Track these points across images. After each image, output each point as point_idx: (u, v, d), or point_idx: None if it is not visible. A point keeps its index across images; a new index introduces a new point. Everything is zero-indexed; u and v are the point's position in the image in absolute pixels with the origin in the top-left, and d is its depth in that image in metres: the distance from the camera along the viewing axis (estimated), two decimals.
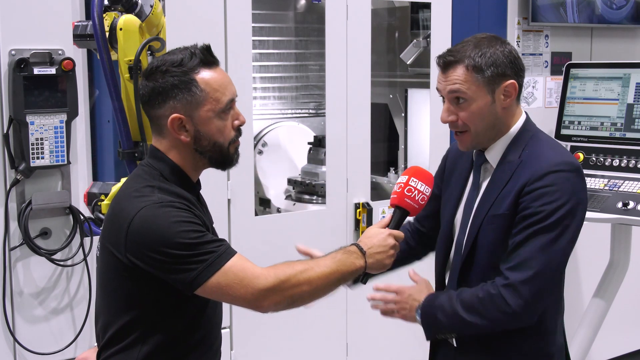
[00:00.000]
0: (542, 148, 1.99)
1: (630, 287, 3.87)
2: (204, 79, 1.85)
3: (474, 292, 1.95)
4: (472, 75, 1.93)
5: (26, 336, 2.79)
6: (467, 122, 1.97)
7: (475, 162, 2.09)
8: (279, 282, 1.79)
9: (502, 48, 1.97)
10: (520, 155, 1.98)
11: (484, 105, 1.95)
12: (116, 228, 1.82)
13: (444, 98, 2.00)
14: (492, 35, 2.01)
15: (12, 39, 2.69)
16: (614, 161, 3.63)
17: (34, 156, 2.71)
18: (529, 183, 1.91)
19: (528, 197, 1.91)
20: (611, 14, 4.38)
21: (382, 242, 1.93)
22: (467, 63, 1.94)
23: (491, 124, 1.99)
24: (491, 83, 1.95)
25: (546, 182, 1.90)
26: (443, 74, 1.98)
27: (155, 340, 1.84)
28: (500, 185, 1.98)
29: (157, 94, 1.85)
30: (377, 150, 4.03)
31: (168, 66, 1.84)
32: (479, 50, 1.94)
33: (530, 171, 1.93)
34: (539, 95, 4.26)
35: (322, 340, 3.55)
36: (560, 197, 1.89)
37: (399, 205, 2.00)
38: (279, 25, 4.04)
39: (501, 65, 1.95)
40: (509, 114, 2.01)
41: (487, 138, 2.02)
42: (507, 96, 1.97)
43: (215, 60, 1.90)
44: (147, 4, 2.96)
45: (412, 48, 3.99)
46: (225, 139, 1.90)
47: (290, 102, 4.13)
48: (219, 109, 1.87)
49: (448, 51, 1.99)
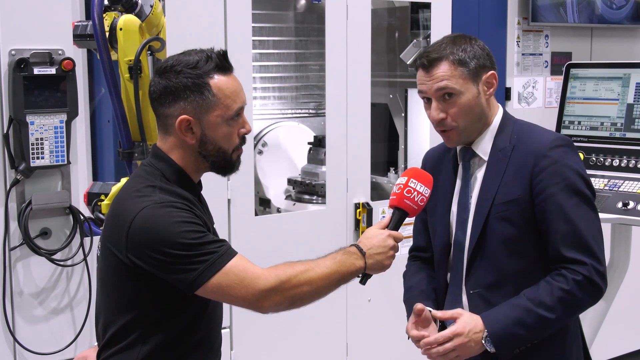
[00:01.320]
0: (531, 130, 2.06)
1: (630, 287, 3.87)
2: (217, 84, 1.85)
3: (550, 289, 1.92)
4: (457, 69, 1.98)
5: (26, 336, 2.79)
6: (456, 117, 2.00)
7: (463, 158, 2.10)
8: (280, 283, 1.79)
9: (476, 43, 2.04)
10: (510, 140, 2.03)
11: (472, 97, 1.99)
12: (117, 228, 1.82)
13: (429, 99, 2.02)
14: (461, 34, 2.08)
15: (12, 39, 2.69)
16: (614, 161, 3.62)
17: (34, 156, 2.71)
18: (537, 162, 1.96)
19: (543, 175, 1.95)
20: (611, 14, 4.38)
21: (382, 243, 1.93)
22: (451, 58, 1.98)
23: (478, 116, 2.02)
24: (475, 75, 2.00)
25: (554, 158, 1.95)
26: (427, 74, 2.00)
27: (155, 340, 1.84)
28: (500, 173, 2.01)
29: (168, 93, 1.85)
30: (377, 150, 4.03)
31: (183, 67, 1.85)
32: (459, 46, 2.00)
33: (532, 151, 1.98)
34: (539, 95, 4.26)
35: (322, 340, 3.55)
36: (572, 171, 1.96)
37: (398, 207, 2.00)
38: (279, 25, 4.04)
39: (481, 57, 2.01)
40: (491, 105, 2.07)
41: (473, 131, 2.05)
42: (489, 87, 2.03)
43: (230, 66, 1.90)
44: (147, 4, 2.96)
45: (412, 48, 3.99)
46: (230, 145, 1.90)
47: (290, 102, 4.13)
48: (228, 116, 1.87)
49: (427, 52, 2.03)
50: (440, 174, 2.15)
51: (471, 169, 2.08)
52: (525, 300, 1.92)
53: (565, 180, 1.94)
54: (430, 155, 2.25)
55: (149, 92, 1.91)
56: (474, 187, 2.06)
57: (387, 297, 3.67)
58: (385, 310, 3.69)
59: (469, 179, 2.08)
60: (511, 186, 1.98)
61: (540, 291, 1.92)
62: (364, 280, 1.96)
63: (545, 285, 1.93)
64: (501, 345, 1.91)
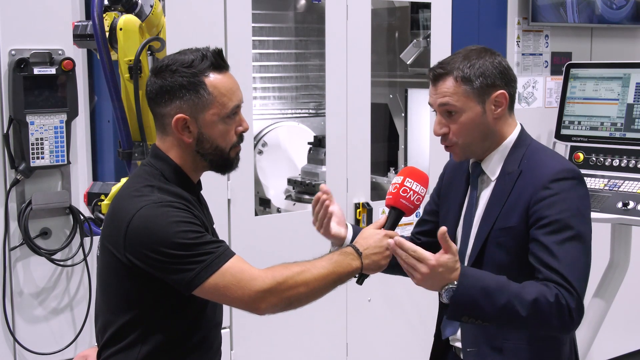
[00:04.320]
0: (541, 157, 1.99)
1: (630, 287, 3.87)
2: (212, 83, 1.85)
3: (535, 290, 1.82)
4: (460, 86, 1.94)
5: (26, 336, 2.79)
6: (457, 134, 1.97)
7: (472, 173, 2.07)
8: (276, 284, 1.79)
9: (491, 59, 1.97)
10: (519, 165, 1.98)
11: (474, 116, 1.95)
12: (115, 227, 1.82)
13: (436, 111, 2.00)
14: (483, 47, 2.01)
15: (12, 39, 2.69)
16: (614, 161, 3.63)
17: (34, 156, 2.71)
18: (535, 192, 1.90)
19: (540, 205, 1.88)
20: (611, 14, 4.38)
21: (378, 243, 1.93)
22: (455, 75, 1.94)
23: (483, 135, 1.98)
24: (481, 94, 1.94)
25: (554, 190, 1.88)
26: (433, 87, 1.99)
27: (155, 340, 1.84)
28: (503, 198, 1.96)
29: (164, 92, 1.86)
30: (377, 150, 4.03)
31: (178, 66, 1.85)
32: (468, 61, 1.95)
33: (534, 180, 1.92)
34: (539, 95, 4.26)
35: (322, 340, 3.55)
36: (572, 207, 1.88)
37: (394, 206, 2.00)
38: (279, 25, 4.04)
39: (490, 76, 1.95)
40: (502, 125, 2.00)
41: (480, 149, 2.01)
42: (498, 106, 1.97)
43: (226, 65, 1.91)
44: (147, 4, 2.96)
45: (412, 48, 3.99)
46: (227, 143, 1.90)
47: (290, 102, 4.13)
48: (224, 114, 1.87)
49: (439, 64, 2.00)
50: (454, 183, 2.13)
51: (479, 186, 2.06)
52: (507, 283, 1.84)
53: (560, 214, 1.86)
54: (451, 163, 2.22)
55: (146, 92, 1.91)
56: (478, 206, 2.04)
57: (387, 297, 3.67)
58: (385, 310, 3.69)
59: (476, 195, 2.06)
60: (510, 213, 1.94)
61: (526, 287, 1.84)
62: (361, 281, 1.96)
63: (532, 284, 1.85)
64: (456, 302, 1.81)
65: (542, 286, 1.83)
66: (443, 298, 1.84)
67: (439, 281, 1.82)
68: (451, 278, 1.81)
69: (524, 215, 1.91)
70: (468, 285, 1.81)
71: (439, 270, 1.80)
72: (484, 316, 1.83)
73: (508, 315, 1.81)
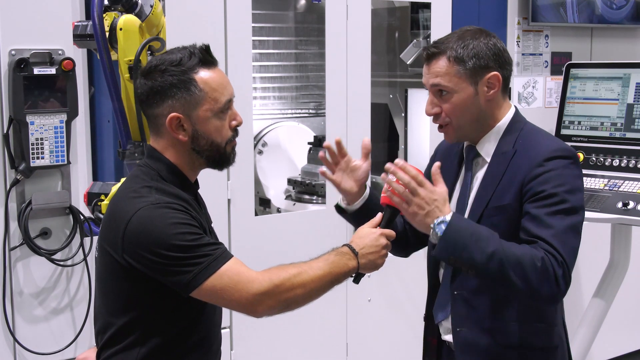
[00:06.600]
0: (536, 137, 1.99)
1: (630, 287, 3.87)
2: (202, 79, 1.85)
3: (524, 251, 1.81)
4: (453, 66, 1.94)
5: (26, 336, 2.79)
6: (449, 114, 1.97)
7: (466, 156, 2.07)
8: (274, 287, 1.78)
9: (486, 40, 1.96)
10: (514, 145, 1.98)
11: (466, 97, 1.95)
12: (113, 229, 1.82)
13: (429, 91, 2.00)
14: (478, 28, 2.01)
15: (12, 39, 2.69)
16: (614, 161, 3.62)
17: (34, 156, 2.72)
18: (530, 170, 1.90)
19: (534, 182, 1.88)
20: (611, 14, 4.38)
21: (374, 242, 1.93)
22: (449, 54, 1.94)
23: (475, 116, 1.98)
24: (473, 75, 1.94)
25: (548, 167, 1.89)
26: (427, 66, 1.99)
27: (154, 341, 1.84)
28: (498, 177, 1.97)
29: (155, 93, 1.85)
30: (377, 150, 4.03)
31: (167, 65, 1.84)
32: (462, 41, 1.94)
33: (528, 159, 1.92)
34: (539, 95, 4.26)
35: (322, 340, 3.55)
36: (566, 183, 1.88)
37: (389, 204, 1.99)
38: (279, 25, 4.04)
39: (484, 57, 1.94)
40: (495, 106, 2.00)
41: (473, 130, 2.01)
42: (491, 88, 1.96)
43: (214, 60, 1.90)
44: (147, 4, 2.96)
45: (412, 48, 3.99)
46: (223, 138, 1.90)
47: (290, 102, 4.13)
48: (217, 109, 1.87)
49: (433, 43, 1.99)
50: (446, 166, 2.11)
51: (473, 168, 2.06)
52: (497, 236, 1.84)
53: (554, 188, 1.86)
54: (442, 146, 2.21)
55: (136, 95, 1.90)
56: (473, 188, 2.04)
57: (387, 297, 3.67)
58: (385, 310, 3.69)
59: (471, 178, 2.06)
60: (504, 192, 1.94)
61: (516, 245, 1.84)
62: (358, 280, 1.95)
63: (523, 245, 1.84)
64: (446, 239, 1.81)
65: (532, 249, 1.83)
66: (432, 237, 1.84)
67: (432, 212, 1.83)
68: (443, 211, 1.84)
69: (518, 193, 1.91)
70: (460, 225, 1.84)
71: (434, 199, 1.83)
72: (471, 261, 1.82)
73: (493, 266, 1.80)
